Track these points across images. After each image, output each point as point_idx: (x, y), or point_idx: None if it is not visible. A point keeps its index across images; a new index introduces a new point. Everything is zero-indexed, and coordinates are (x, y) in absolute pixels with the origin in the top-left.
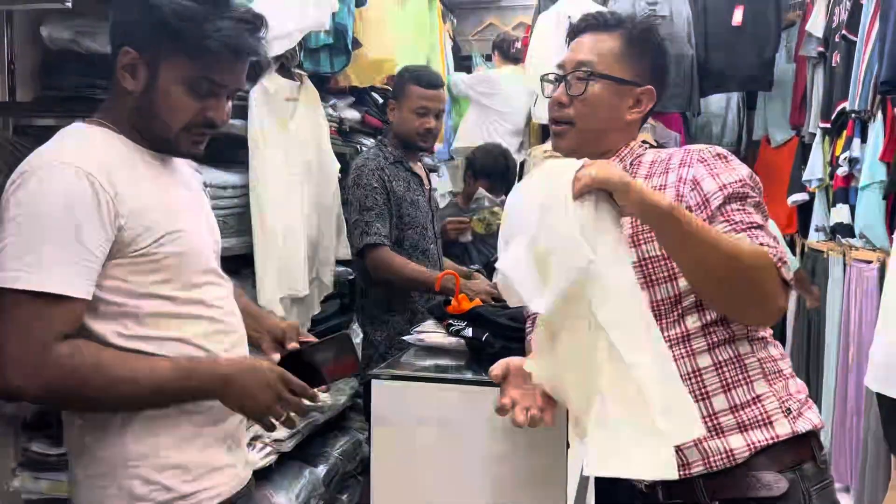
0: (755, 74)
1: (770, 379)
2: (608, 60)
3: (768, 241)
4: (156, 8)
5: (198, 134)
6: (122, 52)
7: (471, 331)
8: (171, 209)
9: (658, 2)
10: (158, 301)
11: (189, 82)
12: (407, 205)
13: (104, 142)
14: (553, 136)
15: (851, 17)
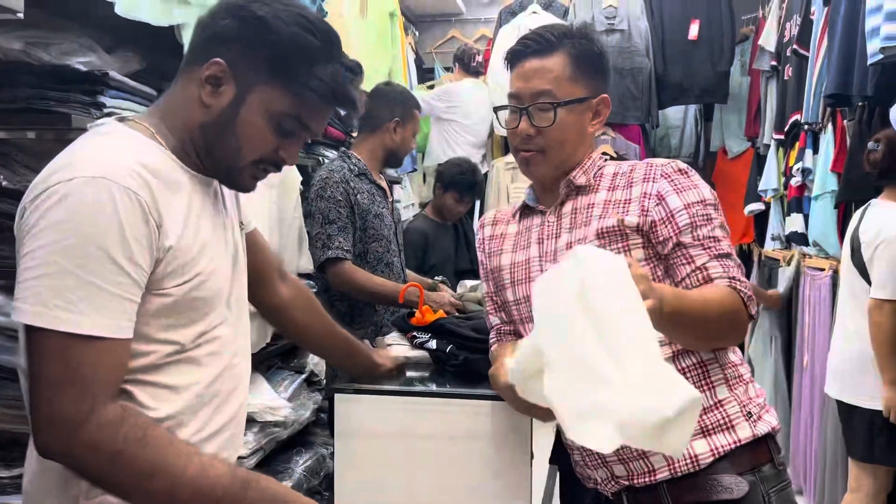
0: (711, 87)
1: (731, 384)
2: (564, 85)
3: (737, 273)
4: (273, 30)
5: (262, 170)
6: (213, 62)
7: (435, 343)
8: (206, 245)
9: (616, 16)
10: (176, 346)
11: (278, 117)
12: (372, 217)
13: (150, 153)
14: (522, 164)
15: (802, 33)
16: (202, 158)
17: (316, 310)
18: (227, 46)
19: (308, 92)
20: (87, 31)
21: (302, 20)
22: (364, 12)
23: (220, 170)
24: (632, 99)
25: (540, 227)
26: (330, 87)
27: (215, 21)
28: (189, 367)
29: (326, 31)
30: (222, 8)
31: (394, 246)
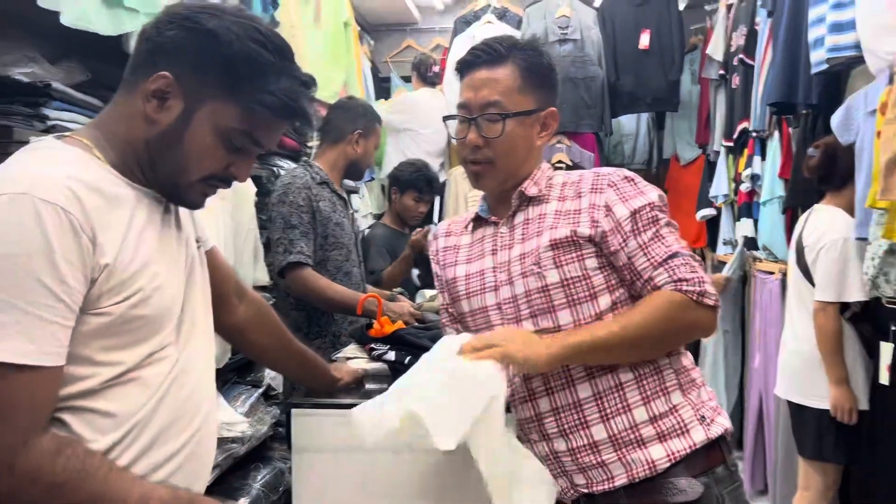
0: (662, 96)
1: (685, 389)
2: (513, 96)
3: (685, 271)
4: (224, 43)
5: (211, 187)
6: (160, 75)
7: (393, 354)
8: (149, 261)
9: (569, 26)
10: (119, 368)
11: (229, 133)
12: (333, 225)
13: (86, 168)
14: (472, 176)
15: (748, 43)
16: (146, 173)
17: (274, 327)
18: (175, 59)
19: (260, 107)
20: (31, 41)
21: (254, 33)
22: (318, 21)
23: (166, 186)
24: (585, 107)
25: (493, 237)
26: (283, 101)
27: (161, 32)
28: (134, 390)
29: (279, 44)
30: (167, 18)
31: (354, 255)
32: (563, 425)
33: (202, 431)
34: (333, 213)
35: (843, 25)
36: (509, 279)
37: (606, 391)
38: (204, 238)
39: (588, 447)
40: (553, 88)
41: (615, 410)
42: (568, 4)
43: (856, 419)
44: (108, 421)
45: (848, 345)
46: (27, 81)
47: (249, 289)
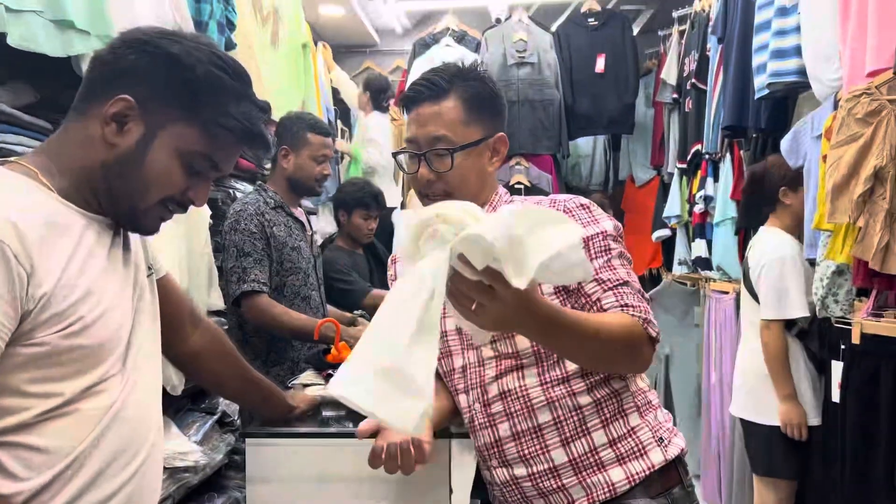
0: (618, 118)
1: (642, 411)
2: (459, 129)
3: (633, 299)
4: (186, 67)
5: (168, 211)
6: (120, 98)
7: None
8: (92, 290)
9: (526, 49)
10: (56, 400)
11: (189, 157)
12: (288, 250)
13: (29, 195)
14: None
15: (699, 68)
16: (100, 199)
17: (229, 355)
18: (135, 83)
19: (221, 131)
20: None
21: (214, 58)
22: (275, 44)
23: (122, 211)
24: (543, 130)
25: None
26: (243, 125)
27: (118, 57)
28: (72, 424)
29: (238, 69)
30: (125, 43)
31: (312, 279)
32: (523, 451)
33: (147, 464)
34: (289, 238)
35: (784, 52)
36: None
37: (566, 415)
38: (157, 265)
39: (548, 472)
40: (499, 114)
41: (575, 434)
42: (525, 29)
43: (805, 434)
44: (43, 457)
45: (796, 361)
46: None
47: (204, 316)
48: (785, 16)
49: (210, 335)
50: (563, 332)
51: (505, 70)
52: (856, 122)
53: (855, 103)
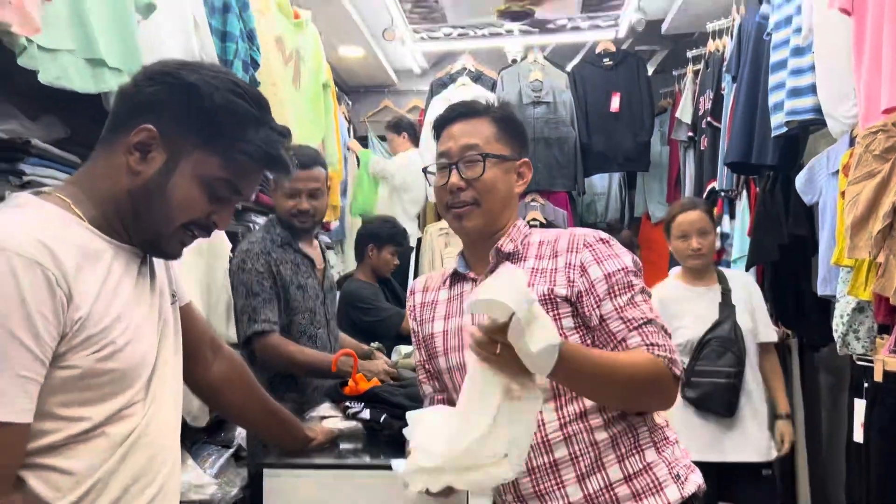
0: (633, 156)
1: (659, 447)
2: (491, 141)
3: (658, 338)
4: (205, 96)
5: (190, 235)
6: (143, 128)
7: (368, 413)
8: (121, 316)
9: (542, 89)
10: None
11: (210, 182)
12: (294, 289)
13: (63, 224)
14: (455, 219)
15: (714, 106)
16: (127, 227)
17: (249, 385)
18: (157, 113)
19: (241, 156)
20: (11, 98)
21: (232, 86)
22: (297, 83)
23: (148, 236)
24: (558, 167)
25: (471, 294)
26: (263, 150)
27: (140, 89)
28: (98, 448)
29: (256, 95)
30: (147, 76)
31: (319, 317)
32: (538, 486)
33: (164, 492)
34: (295, 276)
35: (801, 90)
36: None
37: (582, 451)
38: (180, 293)
39: None
40: (525, 143)
41: (590, 470)
42: (540, 69)
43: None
44: (68, 479)
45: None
46: (6, 138)
47: (225, 345)
48: (800, 55)
49: (230, 364)
50: (588, 376)
51: (521, 109)
52: (873, 158)
53: (872, 140)
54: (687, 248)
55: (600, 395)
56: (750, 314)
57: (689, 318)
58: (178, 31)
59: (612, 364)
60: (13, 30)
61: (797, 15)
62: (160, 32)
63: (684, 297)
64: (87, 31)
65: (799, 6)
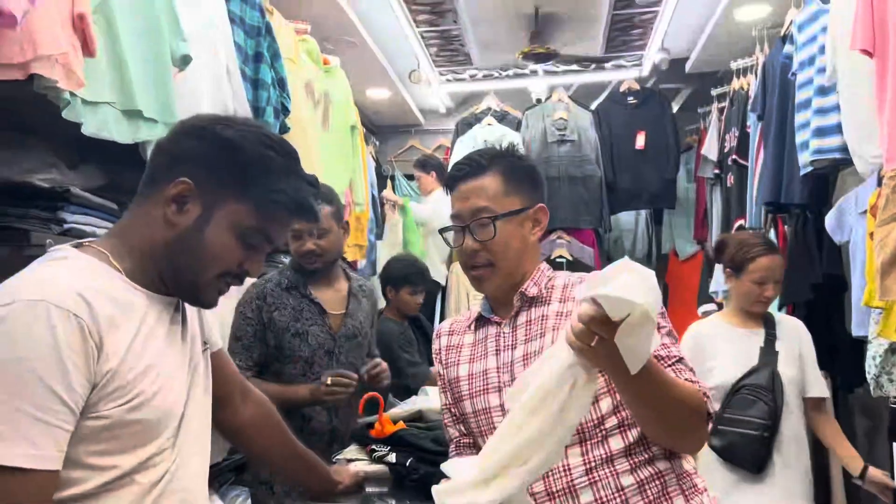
0: (659, 193)
1: (687, 494)
2: (500, 199)
3: (691, 375)
4: (238, 149)
5: (226, 284)
6: (180, 181)
7: (394, 456)
8: (152, 365)
9: (567, 127)
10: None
11: (244, 231)
12: (290, 337)
13: (99, 276)
14: (475, 281)
15: (740, 144)
16: (164, 277)
17: (277, 427)
18: (193, 166)
19: (272, 205)
20: (52, 148)
21: (264, 139)
22: (326, 125)
23: (184, 287)
24: (584, 205)
25: (496, 337)
26: (293, 199)
27: (177, 143)
28: (126, 496)
29: (286, 147)
30: (183, 130)
31: (322, 366)
32: None
33: None
34: (294, 323)
35: (826, 130)
36: (513, 380)
37: (608, 496)
38: (212, 340)
39: None
40: (538, 186)
41: None
42: (565, 108)
43: None
44: None
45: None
46: (47, 187)
47: (254, 389)
48: (825, 94)
49: (259, 408)
50: (654, 378)
51: (546, 147)
52: None
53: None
54: (760, 293)
55: (654, 402)
56: (796, 364)
57: (724, 359)
58: (211, 79)
59: (673, 378)
60: (59, 85)
61: (820, 55)
62: (194, 80)
63: (724, 336)
64: (125, 84)
65: (822, 46)
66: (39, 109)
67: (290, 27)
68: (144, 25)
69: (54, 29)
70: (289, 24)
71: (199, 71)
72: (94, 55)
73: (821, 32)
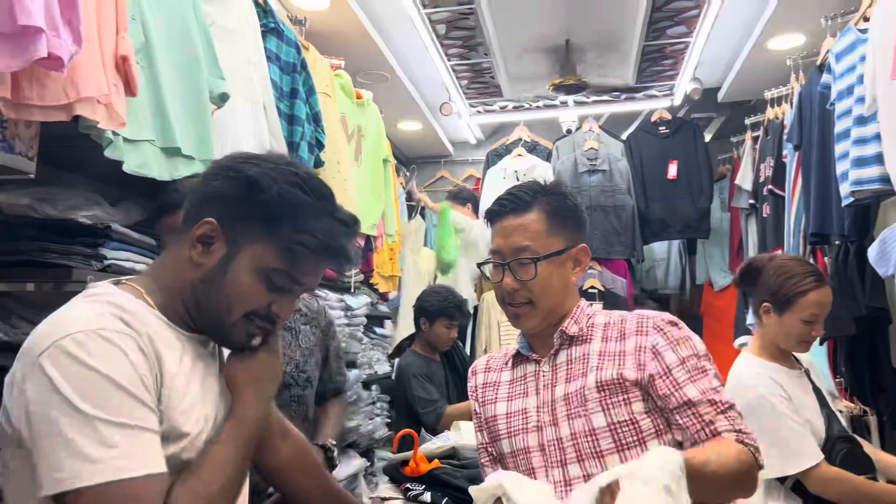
0: (692, 223)
1: None
2: (542, 239)
3: (742, 425)
4: (263, 188)
5: (255, 326)
6: (205, 221)
7: (429, 495)
8: (194, 405)
9: (598, 157)
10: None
11: (269, 273)
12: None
13: (138, 312)
14: (513, 318)
15: (776, 174)
16: (193, 317)
17: (313, 467)
18: (218, 206)
19: (298, 247)
20: (96, 185)
21: (292, 177)
22: (359, 159)
23: (212, 327)
24: (616, 235)
25: (535, 376)
26: (322, 241)
27: (206, 183)
28: None
29: (317, 186)
30: (213, 171)
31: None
32: None
33: None
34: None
35: (865, 160)
36: (553, 420)
37: None
38: None
39: None
40: (580, 226)
41: None
42: (595, 138)
43: None
44: None
45: None
46: (88, 224)
47: (292, 427)
48: (863, 124)
49: (297, 447)
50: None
51: (576, 177)
52: None
53: None
54: (808, 332)
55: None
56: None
57: (810, 412)
58: (248, 115)
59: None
60: (101, 126)
61: (858, 84)
62: (232, 117)
63: (789, 382)
64: (165, 122)
65: (860, 75)
66: (82, 147)
67: (326, 62)
68: (184, 64)
69: (97, 71)
70: (324, 60)
71: (236, 108)
72: (135, 95)
73: (860, 62)
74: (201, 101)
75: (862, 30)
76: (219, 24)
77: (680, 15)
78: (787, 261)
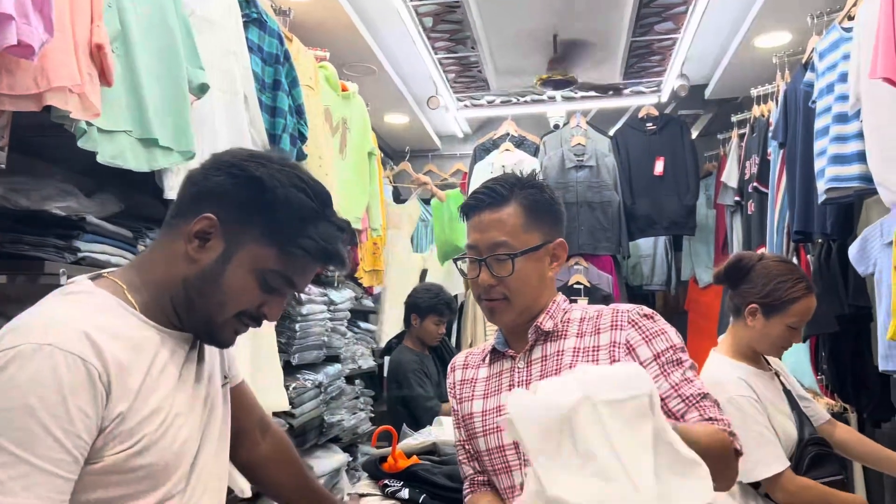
0: (678, 220)
1: None
2: (519, 235)
3: (716, 413)
4: (268, 189)
5: (243, 325)
6: (204, 217)
7: (407, 492)
8: (158, 409)
9: (585, 153)
10: None
11: (265, 274)
12: None
13: (112, 314)
14: (488, 312)
15: (761, 171)
16: (180, 314)
17: (293, 463)
18: (220, 203)
19: (298, 251)
20: (70, 175)
21: (297, 181)
22: (343, 153)
23: (200, 324)
24: (602, 231)
25: (510, 372)
26: (321, 246)
27: (207, 178)
28: None
29: (318, 190)
30: (215, 166)
31: None
32: None
33: None
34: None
35: (845, 158)
36: None
37: None
38: (233, 373)
39: None
40: (558, 220)
41: None
42: (583, 133)
43: None
44: None
45: None
46: (62, 215)
47: (273, 423)
48: (843, 122)
49: (277, 443)
50: None
51: (563, 173)
52: None
53: None
54: (789, 338)
55: None
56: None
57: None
58: (228, 106)
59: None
60: (74, 115)
61: (839, 82)
62: (211, 108)
63: (763, 385)
64: (142, 113)
65: (841, 73)
66: (56, 137)
67: (310, 54)
68: (162, 54)
69: (69, 60)
70: (308, 51)
71: (216, 99)
72: (111, 85)
73: (842, 60)
74: (180, 91)
75: (846, 28)
76: (199, 14)
77: (667, 11)
78: (779, 264)
